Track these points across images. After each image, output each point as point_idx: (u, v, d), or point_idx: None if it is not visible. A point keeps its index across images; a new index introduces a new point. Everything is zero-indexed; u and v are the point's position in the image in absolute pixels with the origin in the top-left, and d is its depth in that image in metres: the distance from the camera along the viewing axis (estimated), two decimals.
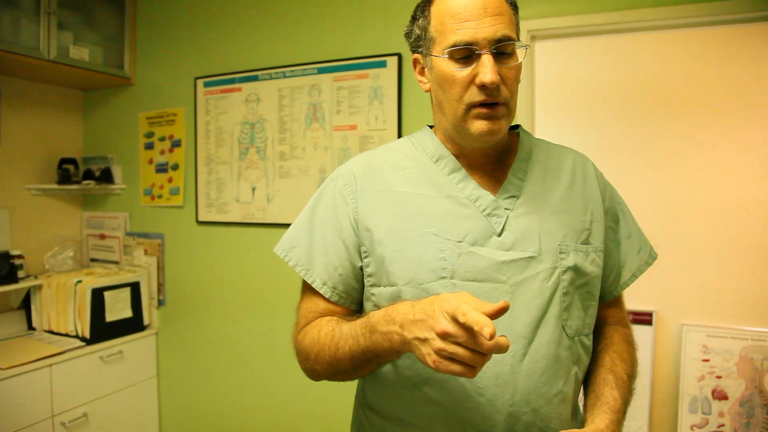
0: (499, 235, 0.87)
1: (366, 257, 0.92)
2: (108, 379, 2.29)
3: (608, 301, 1.02)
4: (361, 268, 0.93)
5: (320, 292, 0.94)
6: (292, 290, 2.20)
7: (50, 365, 2.07)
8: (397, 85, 2.01)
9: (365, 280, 0.93)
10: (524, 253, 0.86)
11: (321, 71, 2.15)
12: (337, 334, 0.86)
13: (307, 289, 0.97)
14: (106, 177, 2.58)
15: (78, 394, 2.17)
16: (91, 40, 2.40)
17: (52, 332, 2.34)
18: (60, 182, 2.52)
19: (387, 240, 0.89)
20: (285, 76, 2.22)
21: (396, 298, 0.87)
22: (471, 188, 0.90)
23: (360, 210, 0.92)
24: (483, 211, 0.88)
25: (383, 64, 2.04)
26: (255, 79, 2.28)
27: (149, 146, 2.54)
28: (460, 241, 0.86)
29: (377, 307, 0.88)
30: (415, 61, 0.95)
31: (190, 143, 2.43)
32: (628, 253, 1.00)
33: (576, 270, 0.88)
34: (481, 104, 0.84)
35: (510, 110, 0.87)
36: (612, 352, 0.94)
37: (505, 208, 0.89)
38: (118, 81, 2.52)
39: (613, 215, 0.99)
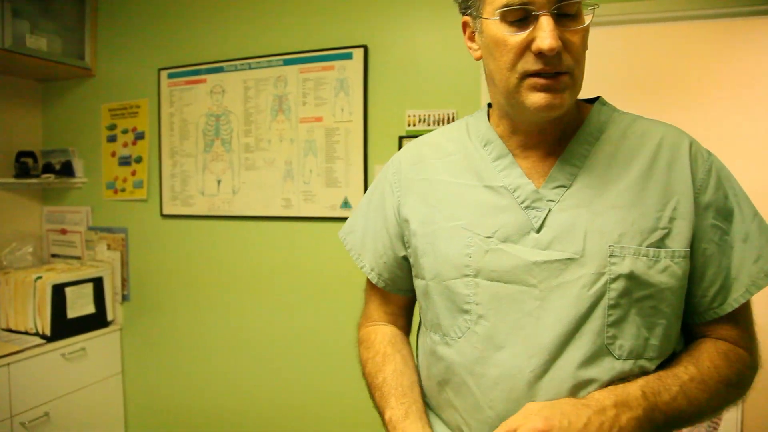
0: (538, 231, 0.76)
1: (408, 248, 0.89)
2: (70, 377, 2.24)
3: (714, 319, 0.79)
4: (405, 258, 0.91)
5: (368, 277, 0.96)
6: (260, 284, 2.20)
7: (8, 364, 2.00)
8: (363, 77, 2.00)
9: (411, 270, 0.92)
10: (562, 254, 0.74)
11: (287, 63, 2.13)
12: (377, 380, 0.90)
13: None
14: (67, 170, 2.52)
15: (39, 393, 2.12)
16: (50, 29, 2.32)
17: (10, 330, 2.27)
18: (17, 176, 2.44)
19: (420, 231, 0.85)
20: (250, 68, 2.19)
21: (425, 293, 0.86)
22: (514, 176, 0.79)
23: (401, 200, 0.89)
24: (521, 203, 0.77)
25: (349, 56, 2.03)
26: (220, 70, 2.24)
27: (112, 139, 2.48)
28: (490, 237, 0.77)
29: (421, 296, 0.88)
30: (465, 25, 0.83)
31: (153, 135, 2.38)
32: (743, 260, 0.76)
33: (633, 279, 0.72)
34: (539, 74, 0.71)
35: (575, 80, 0.74)
36: (685, 356, 0.76)
37: (549, 200, 0.76)
38: (78, 72, 2.45)
39: (722, 211, 0.77)
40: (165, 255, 2.38)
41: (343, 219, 2.04)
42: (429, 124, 1.92)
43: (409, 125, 1.95)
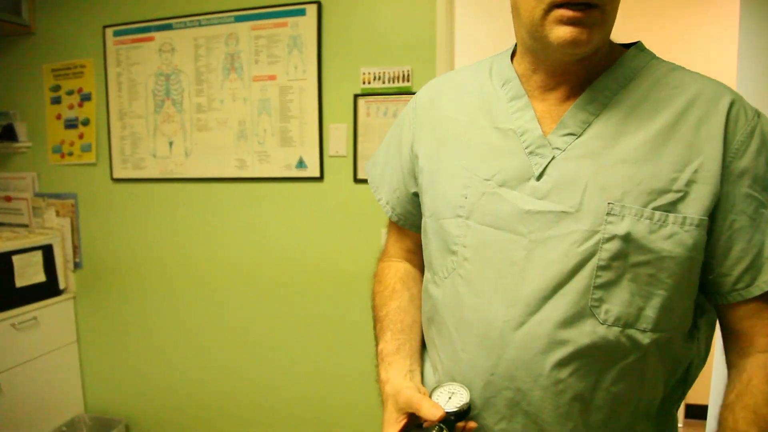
0: (538, 179, 0.71)
1: (417, 184, 0.88)
2: (22, 347, 2.18)
3: (746, 302, 0.71)
4: (416, 194, 0.90)
5: (384, 211, 0.95)
6: (216, 246, 2.17)
7: None
8: (316, 34, 1.96)
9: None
10: (558, 206, 0.69)
11: (238, 19, 2.06)
12: (381, 313, 0.90)
13: None
14: (9, 135, 2.40)
15: None
16: None
17: None
18: None
19: (426, 168, 0.84)
20: (201, 25, 2.11)
21: (424, 231, 0.86)
22: (525, 120, 0.75)
23: (416, 135, 0.88)
24: (526, 148, 0.73)
25: (302, 12, 1.97)
26: (169, 27, 2.16)
27: (56, 101, 2.37)
28: (488, 180, 0.74)
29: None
30: None
31: (101, 97, 2.29)
32: None
33: (630, 241, 0.66)
34: (567, 4, 0.65)
35: (606, 17, 0.67)
36: (741, 408, 0.68)
37: (555, 148, 0.71)
38: (15, 29, 2.31)
39: (761, 180, 0.68)
40: (118, 220, 2.31)
41: (299, 179, 2.02)
42: (384, 82, 1.90)
43: (364, 83, 1.92)
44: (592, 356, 0.68)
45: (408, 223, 0.94)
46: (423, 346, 0.90)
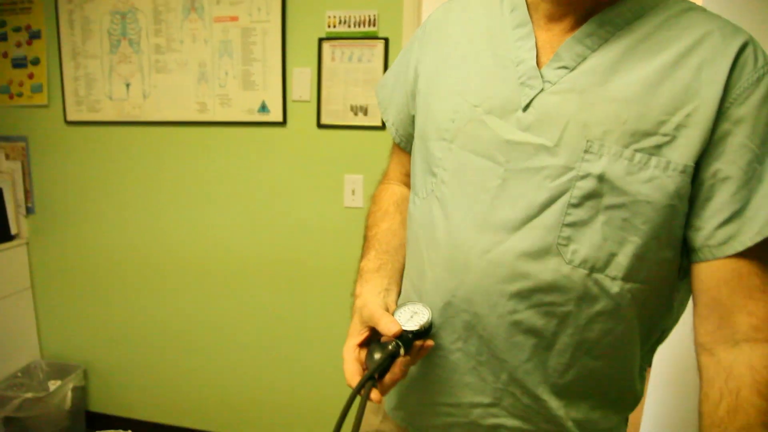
0: (524, 110, 0.70)
1: (415, 105, 0.87)
2: None
3: (724, 265, 0.65)
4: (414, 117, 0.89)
5: (389, 132, 0.95)
6: (175, 191, 2.14)
7: None
8: None
9: None
10: (537, 139, 0.68)
11: None
12: (370, 233, 0.90)
13: None
14: None
15: None
16: None
17: None
18: None
19: (423, 90, 0.84)
20: None
21: (413, 152, 0.86)
22: (524, 49, 0.73)
23: (420, 57, 0.86)
24: (519, 78, 0.71)
25: None
26: None
27: (2, 37, 2.24)
28: (477, 106, 0.73)
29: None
30: None
31: (51, 35, 2.18)
32: (766, 197, 0.63)
33: (605, 182, 0.64)
34: None
35: None
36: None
37: (546, 81, 0.70)
38: None
39: (760, 131, 0.63)
40: (72, 164, 2.24)
41: (261, 124, 2.00)
42: (350, 26, 1.88)
43: (329, 26, 1.90)
44: (555, 295, 0.68)
45: (409, 146, 0.94)
46: None
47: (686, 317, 0.78)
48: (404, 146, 0.95)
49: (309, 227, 2.04)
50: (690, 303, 0.75)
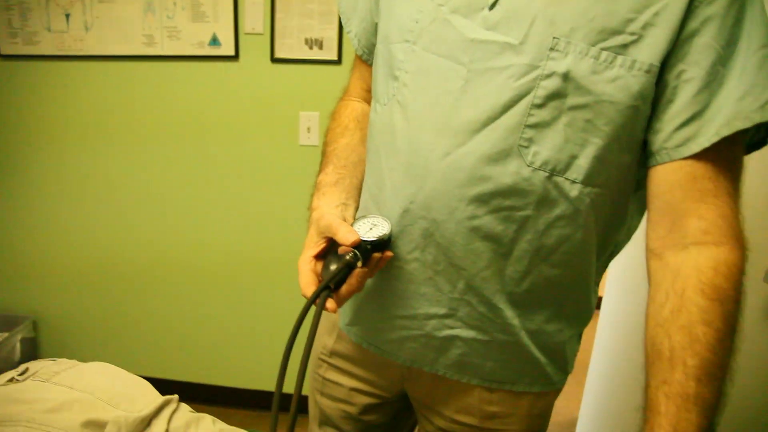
0: (491, 8, 0.67)
1: (378, 10, 0.83)
2: None
3: (679, 167, 0.64)
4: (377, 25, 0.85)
5: (352, 44, 0.91)
6: (120, 128, 2.03)
7: None
8: None
9: None
10: (502, 37, 0.65)
11: None
12: (329, 148, 0.88)
13: None
14: None
15: None
16: None
17: None
18: None
19: None
20: None
21: (375, 58, 0.82)
22: None
23: None
24: None
25: None
26: None
27: None
28: (442, 5, 0.70)
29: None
30: None
31: None
32: (728, 96, 0.61)
33: (570, 81, 0.63)
34: None
35: None
36: (677, 330, 0.61)
37: None
38: None
39: (725, 32, 0.61)
40: (8, 102, 2.10)
41: (213, 57, 1.92)
42: None
43: None
44: (514, 199, 0.68)
45: (371, 59, 0.91)
46: None
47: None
48: (366, 58, 0.92)
49: (263, 167, 1.99)
50: (642, 228, 0.75)
